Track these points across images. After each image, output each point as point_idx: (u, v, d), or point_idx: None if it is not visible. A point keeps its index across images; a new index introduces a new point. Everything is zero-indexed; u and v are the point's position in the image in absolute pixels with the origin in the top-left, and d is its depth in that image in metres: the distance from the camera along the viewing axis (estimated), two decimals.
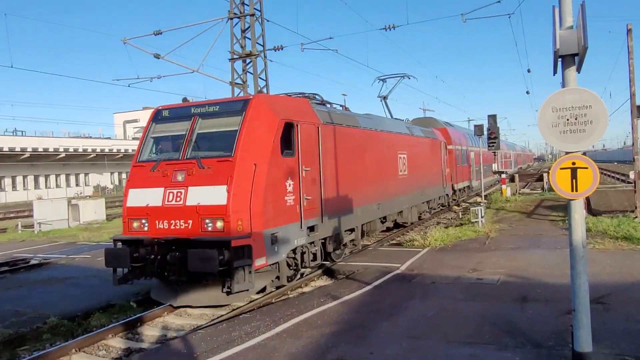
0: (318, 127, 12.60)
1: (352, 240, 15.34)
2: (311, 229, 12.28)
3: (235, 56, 20.60)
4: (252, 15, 19.77)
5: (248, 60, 20.63)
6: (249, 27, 19.95)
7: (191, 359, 7.50)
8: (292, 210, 11.29)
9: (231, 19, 19.95)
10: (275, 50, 21.84)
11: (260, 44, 20.15)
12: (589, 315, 5.90)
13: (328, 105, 14.95)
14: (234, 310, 10.64)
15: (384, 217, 17.85)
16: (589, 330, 5.91)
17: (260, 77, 20.51)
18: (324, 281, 13.40)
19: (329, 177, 13.16)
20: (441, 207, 27.57)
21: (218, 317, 10.22)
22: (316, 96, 14.47)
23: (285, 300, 11.19)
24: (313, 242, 12.59)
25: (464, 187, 34.07)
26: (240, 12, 19.94)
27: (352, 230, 15.11)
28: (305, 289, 12.56)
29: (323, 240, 13.29)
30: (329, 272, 13.99)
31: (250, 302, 11.22)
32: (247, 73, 20.83)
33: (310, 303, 10.25)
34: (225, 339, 8.25)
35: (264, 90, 20.24)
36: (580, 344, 5.93)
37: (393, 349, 7.39)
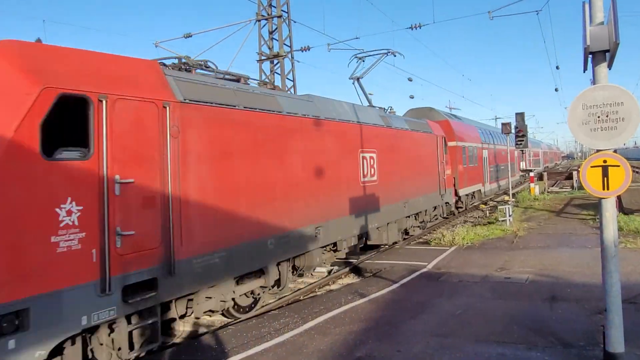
0: (167, 108, 7.58)
1: (258, 294, 10.44)
2: (139, 288, 7.12)
3: (263, 57, 20.81)
4: (280, 16, 19.93)
5: (276, 61, 20.81)
6: (276, 28, 20.12)
7: (222, 354, 7.66)
8: (76, 259, 6.23)
9: (259, 20, 20.15)
10: (302, 51, 21.96)
11: (287, 45, 20.30)
12: (621, 315, 5.84)
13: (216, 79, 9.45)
14: (262, 307, 10.79)
15: (334, 244, 12.88)
16: (622, 330, 5.85)
17: (287, 78, 20.67)
18: (351, 279, 13.47)
19: (200, 191, 8.18)
20: (441, 218, 22.75)
21: (247, 314, 10.37)
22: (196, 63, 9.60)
23: (313, 298, 11.30)
24: (141, 315, 7.35)
25: (474, 192, 28.76)
26: (268, 14, 20.12)
27: (260, 272, 10.12)
28: (333, 287, 12.65)
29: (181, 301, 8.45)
30: (356, 270, 14.05)
31: (279, 299, 11.36)
32: (275, 74, 21.01)
33: (338, 300, 10.34)
34: (255, 335, 8.40)
35: (291, 91, 20.40)
36: (612, 344, 5.87)
37: (420, 347, 7.42)
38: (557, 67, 38.39)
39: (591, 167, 5.91)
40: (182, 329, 9.54)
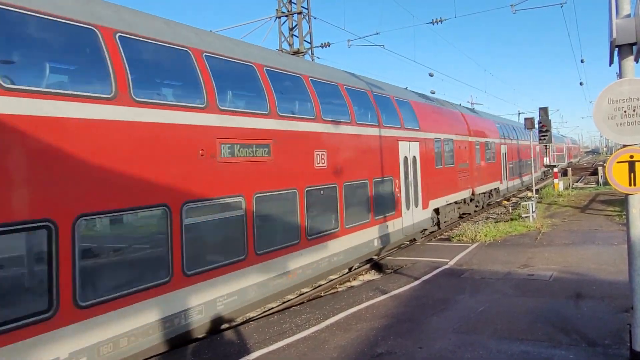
0: None
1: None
2: None
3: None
4: (300, 13, 19.96)
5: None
6: (296, 25, 20.15)
7: (244, 349, 7.74)
8: None
9: (279, 17, 20.21)
10: (323, 47, 21.99)
11: (307, 42, 20.32)
12: None
13: None
14: (284, 302, 10.86)
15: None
16: None
17: None
18: (372, 275, 13.47)
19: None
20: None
21: (270, 309, 10.45)
22: None
23: (335, 294, 11.34)
24: None
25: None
26: (288, 11, 20.17)
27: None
28: (354, 283, 12.67)
29: None
30: (377, 267, 14.04)
31: (300, 295, 11.42)
32: None
33: (359, 297, 10.35)
34: (277, 331, 8.47)
35: None
36: (639, 342, 5.78)
37: (442, 344, 7.39)
38: (582, 61, 37.62)
39: (617, 162, 5.81)
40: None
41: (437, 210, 18.64)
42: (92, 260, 6.62)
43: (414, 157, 16.36)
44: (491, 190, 27.12)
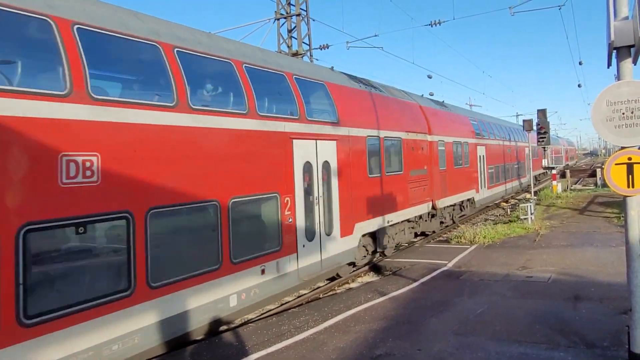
0: None
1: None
2: None
3: None
4: (298, 15, 19.97)
5: None
6: (295, 27, 20.16)
7: (243, 351, 7.73)
8: None
9: (278, 19, 20.21)
10: (321, 49, 22.00)
11: (306, 43, 20.32)
12: None
13: None
14: (282, 305, 10.85)
15: None
16: None
17: None
18: (371, 277, 13.47)
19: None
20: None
21: (268, 311, 10.44)
22: None
23: (333, 296, 11.33)
24: None
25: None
26: (287, 13, 20.18)
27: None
28: (353, 285, 12.66)
29: None
30: (376, 269, 14.03)
31: (299, 297, 11.41)
32: None
33: (358, 299, 10.35)
34: (276, 333, 8.46)
35: None
36: (638, 344, 5.79)
37: (441, 346, 7.39)
38: (580, 63, 37.70)
39: (615, 164, 5.82)
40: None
41: (374, 234, 14.01)
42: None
43: (327, 162, 11.58)
44: (462, 202, 22.09)
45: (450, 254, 14.44)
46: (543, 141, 23.89)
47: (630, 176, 5.75)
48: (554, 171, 35.69)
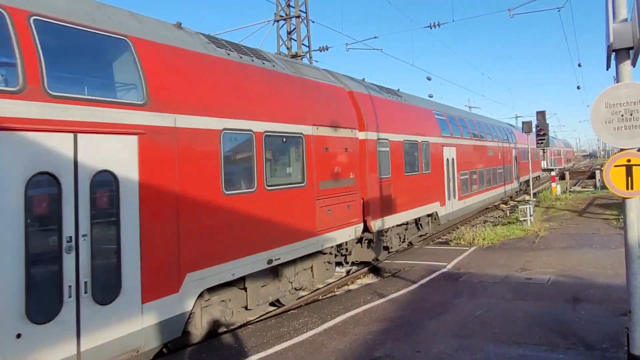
0: None
1: None
2: None
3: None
4: (298, 17, 20.00)
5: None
6: (294, 28, 20.19)
7: (242, 353, 7.72)
8: None
9: (277, 21, 20.24)
10: (321, 51, 22.07)
11: (305, 45, 20.36)
12: None
13: None
14: (282, 306, 10.84)
15: None
16: None
17: None
18: (370, 279, 13.46)
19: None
20: None
21: (267, 313, 10.43)
22: None
23: (332, 298, 11.32)
24: None
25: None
26: (286, 14, 20.21)
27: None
28: (352, 287, 12.65)
29: None
30: (375, 270, 14.03)
31: (298, 299, 11.40)
32: None
33: (357, 300, 10.34)
34: (275, 335, 8.45)
35: None
36: (637, 346, 5.78)
37: (440, 347, 7.39)
38: (579, 65, 37.82)
39: (615, 166, 5.83)
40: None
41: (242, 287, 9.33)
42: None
43: (119, 174, 6.74)
44: (419, 219, 16.94)
45: (449, 256, 14.44)
46: (542, 143, 23.94)
47: (629, 178, 5.75)
48: (553, 173, 35.70)
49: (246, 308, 9.46)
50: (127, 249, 6.78)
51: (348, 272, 13.79)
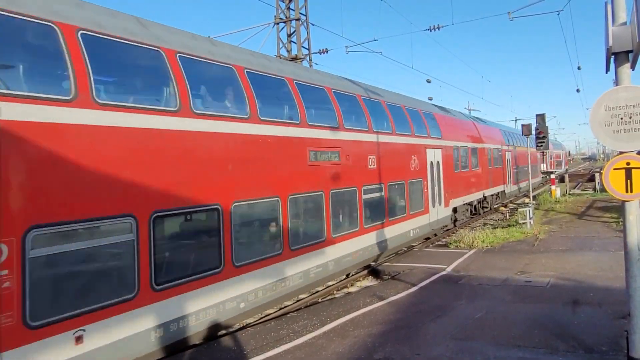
0: None
1: None
2: None
3: None
4: (298, 19, 20.02)
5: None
6: (294, 31, 20.21)
7: (241, 355, 7.72)
8: None
9: (277, 23, 20.27)
10: (321, 54, 22.07)
11: (305, 48, 20.38)
12: None
13: None
14: (281, 309, 10.83)
15: None
16: None
17: None
18: (370, 281, 13.45)
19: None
20: None
21: (266, 315, 10.42)
22: None
23: (332, 300, 11.32)
24: None
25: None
26: (286, 17, 20.24)
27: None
28: (351, 289, 12.64)
29: None
30: (374, 273, 14.02)
31: (297, 301, 11.39)
32: None
33: (357, 303, 10.33)
34: (274, 337, 8.44)
35: None
36: (636, 349, 5.79)
37: (440, 350, 7.38)
38: (579, 68, 37.74)
39: (614, 169, 5.84)
40: None
41: None
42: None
43: None
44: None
45: (449, 259, 14.43)
46: (542, 145, 23.94)
47: (628, 181, 5.76)
48: (552, 176, 35.68)
49: None
50: None
51: (347, 275, 13.77)
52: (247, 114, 9.23)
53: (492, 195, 27.25)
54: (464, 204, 22.18)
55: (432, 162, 17.77)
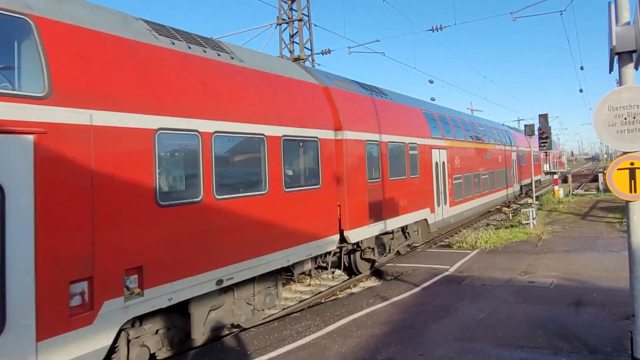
0: None
1: None
2: None
3: None
4: (300, 20, 20.03)
5: None
6: (297, 32, 20.22)
7: (244, 356, 7.72)
8: None
9: (280, 24, 20.29)
10: (323, 54, 22.09)
11: (308, 48, 20.38)
12: None
13: None
14: (284, 309, 10.84)
15: None
16: None
17: None
18: (373, 282, 13.45)
19: None
20: None
21: (269, 316, 10.43)
22: None
23: (335, 301, 11.31)
24: None
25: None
26: (289, 18, 20.25)
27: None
28: (354, 290, 12.65)
29: None
30: (377, 273, 14.02)
31: (300, 301, 11.39)
32: None
33: (360, 303, 10.33)
34: (277, 337, 8.45)
35: None
36: None
37: (443, 351, 7.37)
38: (582, 68, 37.61)
39: (618, 169, 5.83)
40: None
41: None
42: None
43: None
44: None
45: (451, 259, 14.42)
46: (545, 146, 23.90)
47: (632, 181, 5.75)
48: (555, 176, 35.57)
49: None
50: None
51: (351, 275, 13.77)
52: None
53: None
54: None
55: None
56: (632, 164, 5.76)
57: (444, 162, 18.87)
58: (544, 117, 24.18)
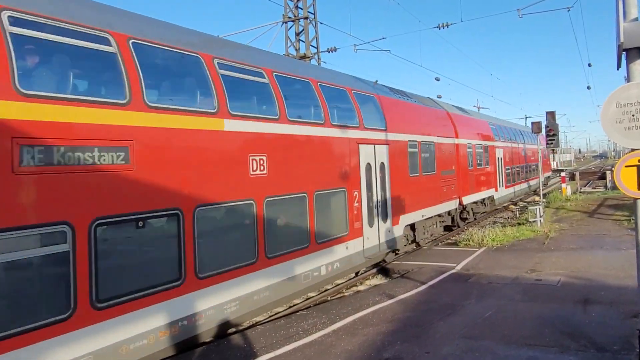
0: None
1: None
2: None
3: None
4: (306, 18, 20.04)
5: None
6: (303, 30, 20.24)
7: (251, 353, 7.74)
8: None
9: (286, 22, 20.30)
10: (329, 52, 22.13)
11: (314, 46, 20.41)
12: None
13: None
14: (290, 307, 10.86)
15: None
16: None
17: None
18: (379, 280, 13.44)
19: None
20: None
21: (276, 314, 10.45)
22: None
23: (341, 299, 11.32)
24: None
25: None
26: (295, 16, 20.26)
27: None
28: (361, 288, 12.64)
29: None
30: (384, 271, 14.01)
31: (307, 299, 11.41)
32: None
33: (366, 301, 10.33)
34: (284, 335, 8.47)
35: None
36: None
37: (449, 349, 7.37)
38: (589, 65, 37.41)
39: (625, 166, 5.79)
40: None
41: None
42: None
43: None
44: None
45: (458, 257, 14.39)
46: (552, 143, 23.75)
47: None
48: (563, 174, 35.38)
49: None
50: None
51: (357, 274, 13.77)
52: None
53: None
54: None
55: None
56: None
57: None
58: (551, 115, 24.02)
